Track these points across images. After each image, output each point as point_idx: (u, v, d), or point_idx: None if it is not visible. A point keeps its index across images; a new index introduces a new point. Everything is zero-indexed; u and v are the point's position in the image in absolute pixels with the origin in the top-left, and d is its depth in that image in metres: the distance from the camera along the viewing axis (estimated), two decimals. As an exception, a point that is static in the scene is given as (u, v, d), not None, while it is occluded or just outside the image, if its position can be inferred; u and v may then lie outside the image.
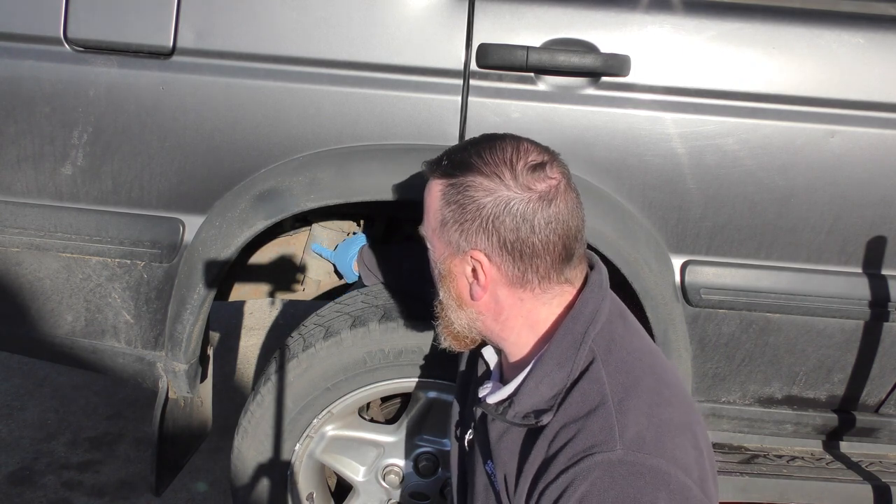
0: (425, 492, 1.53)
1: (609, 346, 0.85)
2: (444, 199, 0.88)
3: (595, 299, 0.88)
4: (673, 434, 0.79)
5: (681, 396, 0.85)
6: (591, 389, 0.81)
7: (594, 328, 0.86)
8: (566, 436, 0.79)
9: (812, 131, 1.28)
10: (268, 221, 1.30)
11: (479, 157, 0.86)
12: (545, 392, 0.84)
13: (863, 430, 1.55)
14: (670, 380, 0.86)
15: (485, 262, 0.86)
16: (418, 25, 1.24)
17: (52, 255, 1.38)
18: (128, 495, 2.10)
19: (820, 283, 1.37)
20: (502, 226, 0.84)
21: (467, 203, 0.85)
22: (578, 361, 0.84)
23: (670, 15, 1.24)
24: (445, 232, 0.88)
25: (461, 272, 0.90)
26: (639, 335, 0.92)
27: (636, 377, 0.82)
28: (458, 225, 0.87)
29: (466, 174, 0.86)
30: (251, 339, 3.06)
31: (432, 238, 0.92)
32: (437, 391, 1.44)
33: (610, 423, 0.77)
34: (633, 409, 0.78)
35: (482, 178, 0.85)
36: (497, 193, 0.84)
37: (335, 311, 1.45)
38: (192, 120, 1.27)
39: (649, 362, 0.86)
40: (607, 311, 0.89)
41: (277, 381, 1.41)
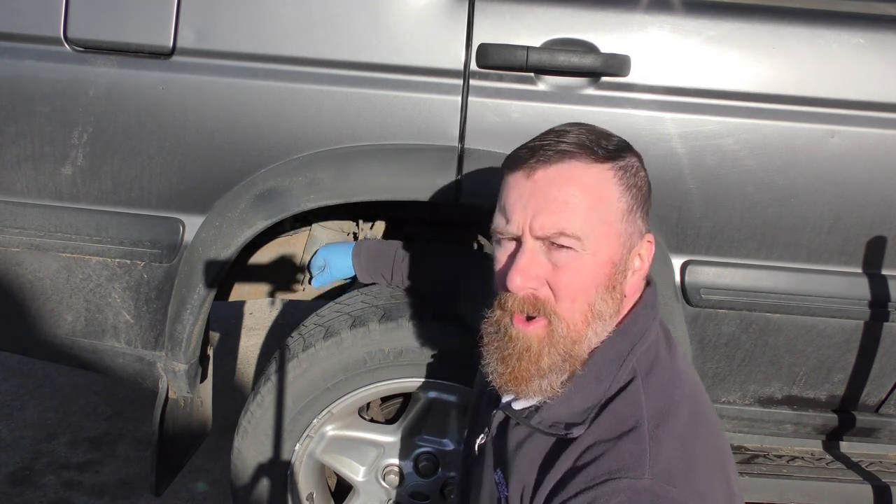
0: (425, 492, 1.53)
1: (651, 368, 0.82)
2: (623, 183, 0.81)
3: (647, 317, 0.85)
4: (704, 471, 0.76)
5: (717, 435, 0.82)
6: (627, 411, 0.78)
7: (640, 346, 0.82)
8: (594, 454, 0.76)
9: (812, 131, 1.28)
10: (268, 221, 1.30)
11: (615, 136, 0.83)
12: (578, 404, 0.81)
13: (863, 430, 1.55)
14: (708, 416, 0.82)
15: (653, 245, 0.85)
16: (418, 25, 1.24)
17: (52, 255, 1.38)
18: (128, 495, 2.10)
19: (820, 283, 1.37)
20: (650, 205, 0.84)
21: (642, 185, 0.82)
22: (619, 378, 0.80)
23: (670, 15, 1.24)
24: (629, 221, 0.82)
25: (632, 264, 0.84)
26: (681, 360, 0.87)
27: (674, 405, 0.79)
28: (640, 210, 0.82)
29: (627, 155, 0.82)
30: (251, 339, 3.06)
31: (602, 236, 0.80)
32: (437, 391, 1.44)
33: (641, 449, 0.74)
34: (666, 439, 0.75)
35: (637, 157, 0.83)
36: (646, 173, 0.83)
37: (335, 311, 1.45)
38: (192, 120, 1.27)
39: (689, 392, 0.82)
40: (656, 331, 0.86)
41: (277, 381, 1.41)
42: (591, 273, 0.80)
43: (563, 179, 0.80)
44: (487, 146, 1.28)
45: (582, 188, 0.79)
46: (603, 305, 0.81)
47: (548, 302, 0.81)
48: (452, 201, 1.30)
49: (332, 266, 1.47)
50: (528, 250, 0.81)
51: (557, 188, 0.79)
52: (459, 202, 1.30)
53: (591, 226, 0.79)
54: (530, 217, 0.80)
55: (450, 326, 1.36)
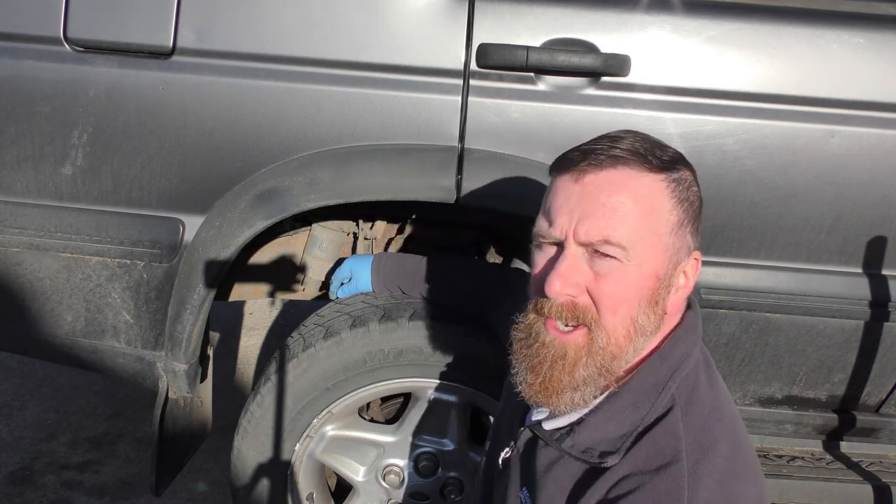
0: (425, 492, 1.53)
1: (691, 397, 0.78)
2: (675, 196, 0.78)
3: (688, 342, 0.82)
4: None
5: (755, 469, 0.79)
6: (665, 443, 0.74)
7: (681, 373, 0.79)
8: (629, 486, 0.73)
9: (812, 131, 1.28)
10: (268, 221, 1.30)
11: (670, 148, 0.80)
12: (612, 430, 0.77)
13: (863, 430, 1.55)
14: (746, 447, 0.79)
15: (699, 263, 0.82)
16: (418, 25, 1.24)
17: (52, 255, 1.38)
18: (128, 495, 2.10)
19: (820, 283, 1.37)
20: (700, 224, 0.81)
21: (694, 200, 0.80)
22: (657, 406, 0.77)
23: (670, 15, 1.24)
24: (678, 235, 0.79)
25: (677, 281, 0.80)
26: (722, 391, 0.84)
27: (714, 439, 0.75)
28: (691, 225, 0.80)
29: (681, 168, 0.79)
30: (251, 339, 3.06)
31: (650, 248, 0.77)
32: (437, 391, 1.44)
33: (680, 487, 0.71)
34: (706, 477, 0.72)
35: (691, 171, 0.80)
36: (696, 188, 0.80)
37: (335, 311, 1.45)
38: (191, 120, 1.27)
39: (730, 426, 0.79)
40: (696, 357, 0.82)
41: (277, 381, 1.41)
42: (635, 285, 0.77)
43: (613, 186, 0.76)
44: (487, 146, 1.28)
45: (633, 197, 0.76)
46: (645, 320, 0.78)
47: (588, 310, 0.78)
48: (452, 201, 1.30)
49: (358, 278, 1.46)
50: (570, 255, 0.78)
51: (607, 195, 0.76)
52: (459, 202, 1.30)
53: (638, 236, 0.76)
54: (575, 222, 0.77)
55: (450, 326, 1.36)
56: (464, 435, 1.49)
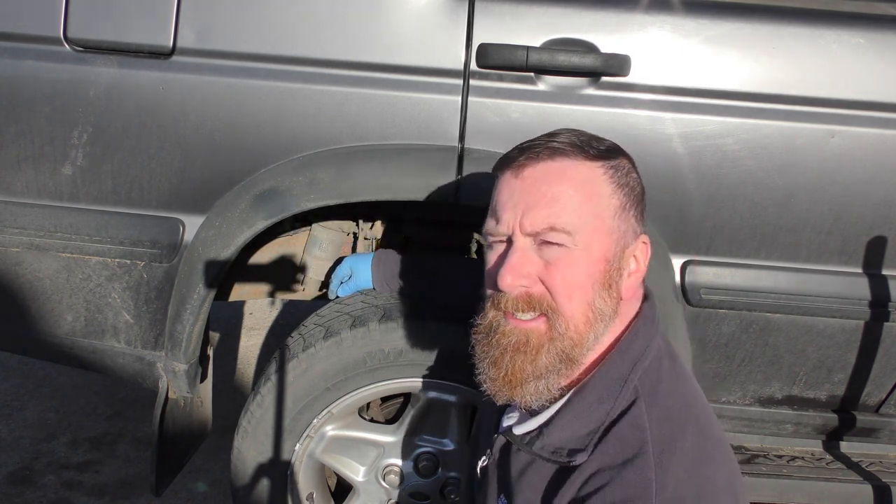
0: (425, 492, 1.53)
1: (654, 388, 0.79)
2: (614, 181, 0.80)
3: (647, 334, 0.83)
4: (713, 496, 0.73)
5: (724, 453, 0.79)
6: (631, 436, 0.75)
7: (642, 365, 0.80)
8: (599, 482, 0.74)
9: (812, 131, 1.28)
10: (268, 221, 1.30)
11: (607, 140, 0.85)
12: (579, 428, 0.78)
13: (863, 430, 1.55)
14: (714, 433, 0.79)
15: (649, 246, 0.85)
16: (418, 25, 1.24)
17: (52, 255, 1.38)
18: (128, 495, 2.10)
19: (820, 283, 1.37)
20: (645, 208, 0.85)
21: (634, 185, 0.84)
22: (621, 400, 0.78)
23: (670, 15, 1.24)
24: (622, 219, 0.81)
25: (627, 264, 0.83)
26: (686, 379, 0.85)
27: (680, 427, 0.76)
28: (634, 208, 0.82)
29: (618, 156, 0.83)
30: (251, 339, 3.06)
31: (595, 233, 0.79)
32: (437, 391, 1.44)
33: (647, 478, 0.71)
34: (674, 465, 0.72)
35: (629, 160, 0.85)
36: (635, 173, 0.85)
37: (335, 311, 1.45)
38: (191, 120, 1.27)
39: (695, 412, 0.80)
40: (657, 348, 0.83)
41: (277, 381, 1.41)
42: (585, 270, 0.78)
43: (553, 176, 0.79)
44: (487, 146, 1.28)
45: (573, 184, 0.79)
46: (602, 304, 0.79)
47: (544, 298, 0.79)
48: (452, 201, 1.30)
49: (359, 276, 1.46)
50: (519, 248, 0.80)
51: (548, 185, 0.79)
52: (459, 202, 1.29)
53: (582, 221, 0.78)
54: (520, 214, 0.79)
55: (449, 326, 1.36)
56: (464, 435, 1.49)
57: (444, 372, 1.39)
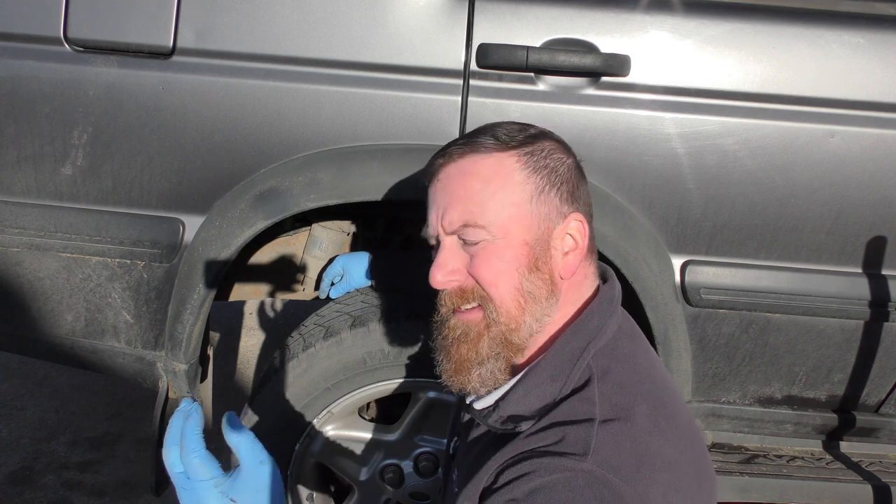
0: (425, 492, 1.53)
1: (609, 366, 0.80)
2: (528, 167, 0.82)
3: (602, 314, 0.83)
4: (653, 468, 0.72)
5: (682, 430, 0.79)
6: (580, 407, 0.76)
7: (596, 344, 0.81)
8: (541, 437, 0.75)
9: (812, 131, 1.28)
10: (268, 221, 1.30)
11: (533, 127, 0.85)
12: (533, 403, 0.80)
13: (863, 430, 1.55)
14: (672, 411, 0.80)
15: (584, 224, 0.84)
16: (418, 25, 1.24)
17: (52, 255, 1.38)
18: (128, 495, 2.10)
19: (820, 283, 1.37)
20: (583, 187, 0.84)
21: (558, 166, 0.83)
22: (573, 377, 0.79)
23: (670, 15, 1.25)
24: (541, 202, 0.82)
25: (559, 246, 0.83)
26: (646, 358, 0.85)
27: (631, 401, 0.77)
28: (555, 189, 0.82)
29: (537, 141, 0.83)
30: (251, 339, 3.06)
31: (512, 221, 0.81)
32: (437, 391, 1.44)
33: (588, 437, 0.72)
34: (616, 433, 0.73)
35: (551, 142, 0.84)
36: (568, 158, 0.84)
37: (335, 311, 1.45)
38: (192, 120, 1.27)
39: (650, 390, 0.80)
40: (615, 328, 0.84)
41: (277, 381, 1.41)
42: (508, 256, 0.81)
43: (462, 174, 0.83)
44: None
45: (480, 178, 0.82)
46: (532, 286, 0.81)
47: (475, 290, 0.83)
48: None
49: (351, 276, 1.47)
50: (446, 247, 0.84)
51: (458, 183, 0.83)
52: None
53: (495, 211, 0.81)
54: (441, 216, 0.84)
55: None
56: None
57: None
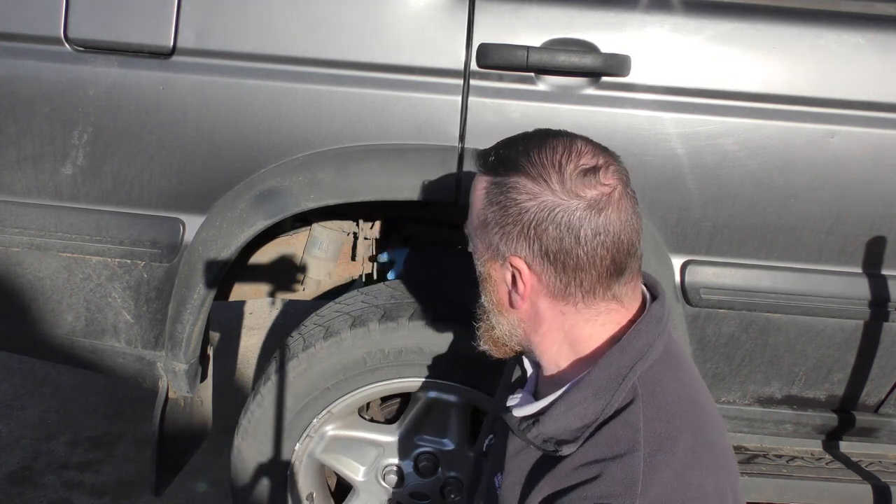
0: (425, 492, 1.53)
1: (654, 389, 0.78)
2: (488, 198, 0.82)
3: (650, 333, 0.81)
4: (703, 500, 0.72)
5: (722, 462, 0.78)
6: (624, 434, 0.74)
7: (642, 365, 0.79)
8: (584, 475, 0.74)
9: (812, 131, 1.28)
10: (268, 221, 1.30)
11: (527, 155, 0.79)
12: (573, 421, 0.78)
13: (863, 429, 1.55)
14: (713, 438, 0.79)
15: (524, 271, 0.80)
16: (418, 25, 1.24)
17: (53, 255, 1.38)
18: (128, 495, 2.10)
19: (820, 283, 1.37)
20: (545, 234, 0.77)
21: (510, 205, 0.79)
22: (617, 397, 0.77)
23: (670, 15, 1.24)
24: (487, 234, 0.83)
25: (500, 277, 0.84)
26: (692, 384, 0.84)
27: (676, 430, 0.75)
28: (498, 228, 0.81)
29: (511, 174, 0.80)
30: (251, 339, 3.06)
31: (474, 237, 0.86)
32: (437, 391, 1.44)
33: (634, 477, 0.70)
34: (663, 466, 0.72)
35: (527, 179, 0.78)
36: (541, 198, 0.77)
37: (335, 311, 1.45)
38: (192, 120, 1.27)
39: (694, 417, 0.78)
40: (661, 349, 0.82)
41: (277, 380, 1.41)
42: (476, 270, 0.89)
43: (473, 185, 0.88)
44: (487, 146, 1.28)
45: (473, 196, 0.87)
46: (484, 297, 0.89)
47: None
48: (452, 201, 1.30)
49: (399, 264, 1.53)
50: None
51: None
52: (459, 202, 1.30)
53: (470, 225, 0.87)
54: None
55: (450, 326, 1.36)
56: (464, 435, 1.49)
57: (443, 372, 1.39)
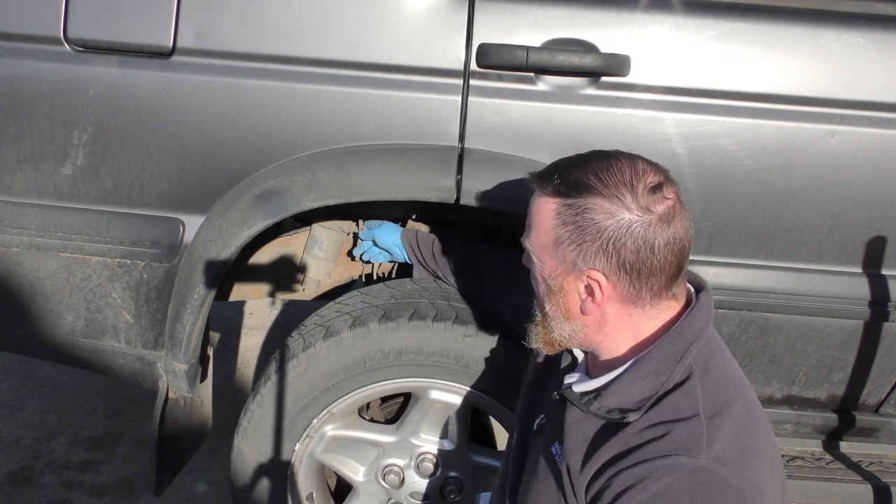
0: (425, 492, 1.53)
1: (706, 366, 0.88)
2: (560, 218, 0.89)
3: (703, 318, 0.91)
4: (756, 458, 0.81)
5: (766, 429, 0.88)
6: (685, 403, 0.84)
7: (697, 345, 0.88)
8: (652, 434, 0.82)
9: (812, 131, 1.28)
10: (268, 221, 1.30)
11: (598, 177, 0.87)
12: (636, 395, 0.87)
13: (863, 430, 1.55)
14: (757, 412, 0.89)
15: (603, 282, 0.89)
16: (418, 25, 1.24)
17: (52, 255, 1.38)
18: (128, 495, 2.10)
19: (820, 283, 1.37)
20: (623, 248, 0.85)
21: (587, 225, 0.87)
22: (676, 373, 0.86)
23: (670, 15, 1.24)
24: (560, 251, 0.90)
25: (574, 289, 0.92)
26: (732, 362, 0.95)
27: (729, 400, 0.85)
28: (575, 245, 0.88)
29: (585, 195, 0.87)
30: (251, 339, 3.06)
31: (542, 254, 0.93)
32: (437, 391, 1.44)
33: (699, 433, 0.79)
34: (722, 428, 0.81)
35: (603, 199, 0.86)
36: (619, 216, 0.85)
37: (335, 311, 1.45)
38: (191, 120, 1.27)
39: (742, 388, 0.89)
40: (709, 333, 0.92)
41: (277, 381, 1.41)
42: (536, 278, 0.97)
43: (533, 205, 0.95)
44: (487, 146, 1.28)
45: (534, 215, 0.94)
46: (548, 308, 0.95)
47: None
48: (452, 201, 1.30)
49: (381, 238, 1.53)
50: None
51: (531, 211, 0.96)
52: (459, 202, 1.30)
53: (534, 243, 0.94)
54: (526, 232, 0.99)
55: (450, 326, 1.36)
56: (464, 435, 1.49)
57: (444, 372, 1.39)
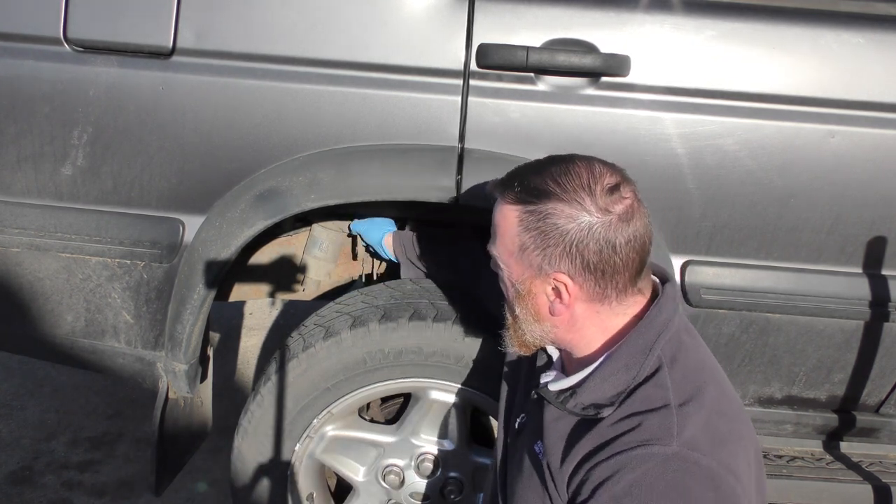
0: (425, 492, 1.53)
1: (675, 356, 0.90)
2: (523, 225, 0.91)
3: (668, 310, 0.93)
4: (728, 443, 0.83)
5: (739, 413, 0.90)
6: (656, 394, 0.86)
7: (664, 336, 0.90)
8: (625, 426, 0.84)
9: (812, 131, 1.28)
10: (268, 221, 1.30)
11: (557, 182, 0.88)
12: (609, 390, 0.89)
13: (863, 430, 1.55)
14: (730, 396, 0.91)
15: (569, 283, 0.90)
16: (418, 25, 1.24)
17: (52, 256, 1.38)
18: (128, 495, 2.10)
19: (820, 283, 1.37)
20: (586, 249, 0.87)
21: (550, 230, 0.89)
22: (646, 366, 0.88)
23: (670, 15, 1.24)
24: (525, 256, 0.92)
25: (541, 291, 0.94)
26: (703, 349, 0.96)
27: (699, 387, 0.87)
28: (540, 250, 0.90)
29: (545, 201, 0.88)
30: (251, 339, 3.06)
31: (508, 260, 0.95)
32: (437, 391, 1.44)
33: (670, 422, 0.82)
34: (693, 415, 0.83)
35: (563, 204, 0.88)
36: (579, 219, 0.87)
37: (335, 311, 1.45)
38: (191, 120, 1.27)
39: (712, 374, 0.91)
40: (677, 323, 0.94)
41: (277, 381, 1.41)
42: (505, 283, 0.99)
43: (497, 214, 0.97)
44: (487, 146, 1.28)
45: (498, 223, 0.96)
46: (518, 311, 0.97)
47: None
48: (452, 201, 1.30)
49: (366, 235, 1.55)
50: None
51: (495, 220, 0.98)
52: (459, 202, 1.30)
53: (499, 250, 0.96)
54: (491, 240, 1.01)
55: (449, 326, 1.36)
56: (464, 435, 1.49)
57: (444, 372, 1.39)
